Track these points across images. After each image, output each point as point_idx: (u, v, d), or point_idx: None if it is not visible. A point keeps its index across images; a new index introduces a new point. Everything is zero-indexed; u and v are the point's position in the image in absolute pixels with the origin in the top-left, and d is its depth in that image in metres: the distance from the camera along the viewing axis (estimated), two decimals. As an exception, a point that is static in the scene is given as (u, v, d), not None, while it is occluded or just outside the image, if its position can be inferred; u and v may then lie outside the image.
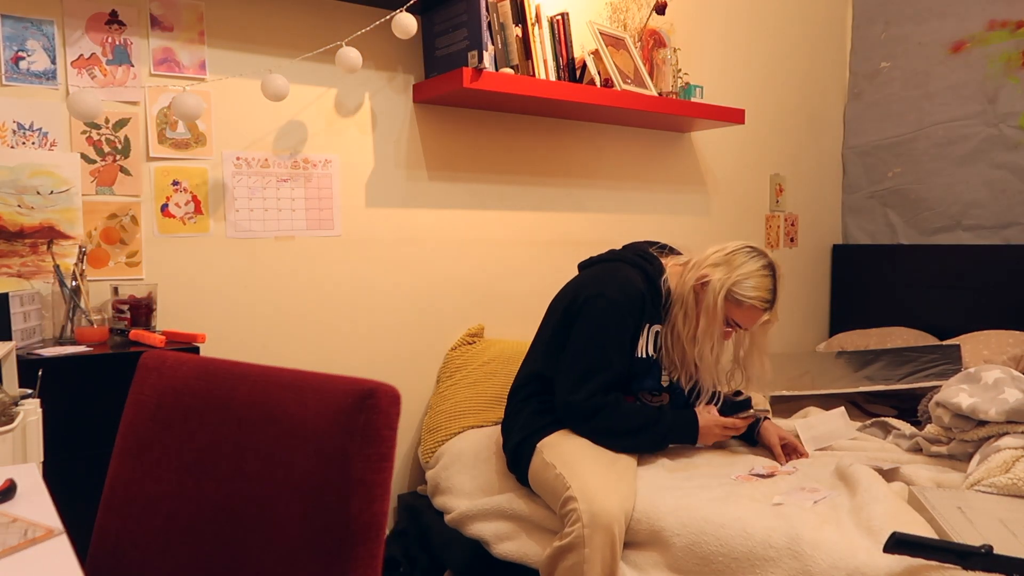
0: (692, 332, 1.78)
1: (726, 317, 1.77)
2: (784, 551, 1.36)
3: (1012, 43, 3.07)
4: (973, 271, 3.15)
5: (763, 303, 1.76)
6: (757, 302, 1.75)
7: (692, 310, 1.78)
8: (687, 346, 1.79)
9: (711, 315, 1.75)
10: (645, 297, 1.78)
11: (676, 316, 1.80)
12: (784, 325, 3.46)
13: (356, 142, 2.15)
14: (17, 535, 0.76)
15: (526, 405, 1.84)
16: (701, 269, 1.80)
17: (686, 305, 1.79)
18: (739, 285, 1.75)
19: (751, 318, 1.77)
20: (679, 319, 1.80)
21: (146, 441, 1.03)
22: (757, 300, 1.75)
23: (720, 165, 3.10)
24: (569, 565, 1.51)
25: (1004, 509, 1.40)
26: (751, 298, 1.75)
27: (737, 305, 1.76)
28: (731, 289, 1.75)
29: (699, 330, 1.77)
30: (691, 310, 1.78)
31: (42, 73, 1.70)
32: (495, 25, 2.12)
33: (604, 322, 1.74)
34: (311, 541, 0.85)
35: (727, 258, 1.80)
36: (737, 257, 1.79)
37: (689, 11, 2.92)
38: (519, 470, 1.79)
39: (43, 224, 1.66)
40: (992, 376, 1.72)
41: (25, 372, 1.34)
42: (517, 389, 1.89)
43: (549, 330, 1.86)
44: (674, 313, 1.81)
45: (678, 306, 1.80)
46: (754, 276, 1.76)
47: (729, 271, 1.77)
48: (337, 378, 0.91)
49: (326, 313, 2.12)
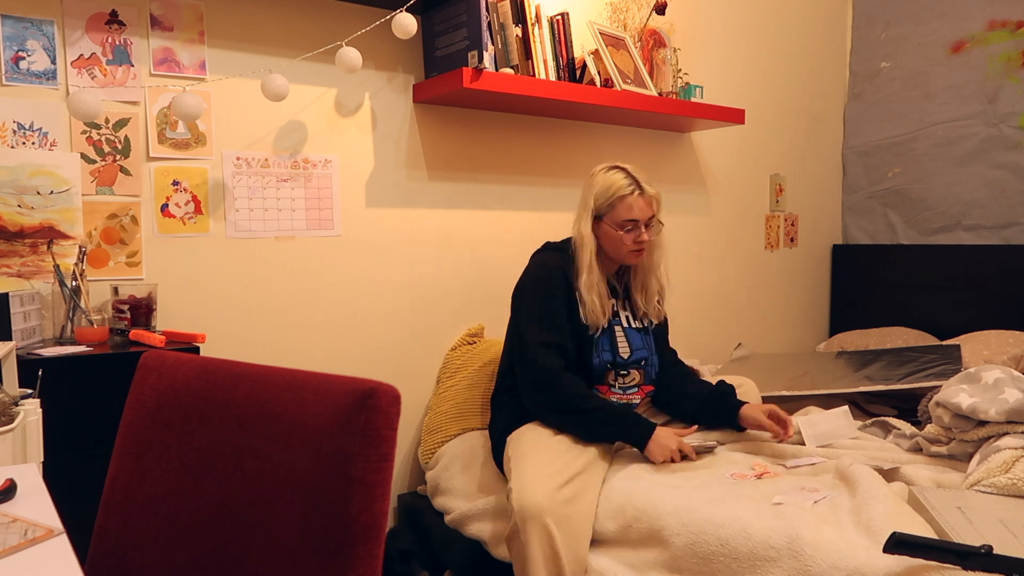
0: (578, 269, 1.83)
1: (617, 224, 1.82)
2: (784, 551, 1.36)
3: (1012, 43, 3.07)
4: (973, 271, 3.15)
5: (627, 187, 1.82)
6: (621, 189, 1.82)
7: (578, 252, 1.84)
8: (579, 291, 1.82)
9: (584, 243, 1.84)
10: (563, 268, 1.85)
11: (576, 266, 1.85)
12: (784, 325, 3.46)
13: (356, 142, 2.15)
14: (17, 535, 0.76)
15: (504, 401, 1.90)
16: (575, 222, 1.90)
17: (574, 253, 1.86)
18: (598, 196, 1.85)
19: (629, 206, 1.82)
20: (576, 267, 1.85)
21: (146, 441, 1.03)
22: (620, 188, 1.82)
23: (720, 165, 3.10)
24: (515, 552, 1.57)
25: (1004, 509, 1.40)
26: (613, 193, 1.83)
27: (612, 209, 1.83)
28: (596, 206, 1.85)
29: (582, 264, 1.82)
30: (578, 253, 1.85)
31: (42, 73, 1.70)
32: (495, 25, 2.12)
33: (528, 300, 1.84)
34: (311, 541, 0.85)
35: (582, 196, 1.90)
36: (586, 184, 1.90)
37: (689, 11, 2.92)
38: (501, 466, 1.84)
39: (43, 224, 1.66)
40: (992, 376, 1.72)
41: (25, 372, 1.34)
42: (497, 389, 1.98)
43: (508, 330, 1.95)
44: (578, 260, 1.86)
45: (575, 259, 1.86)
46: (603, 179, 1.86)
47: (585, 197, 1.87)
48: (337, 378, 0.91)
49: (326, 313, 2.12)
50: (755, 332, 3.31)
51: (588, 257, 1.83)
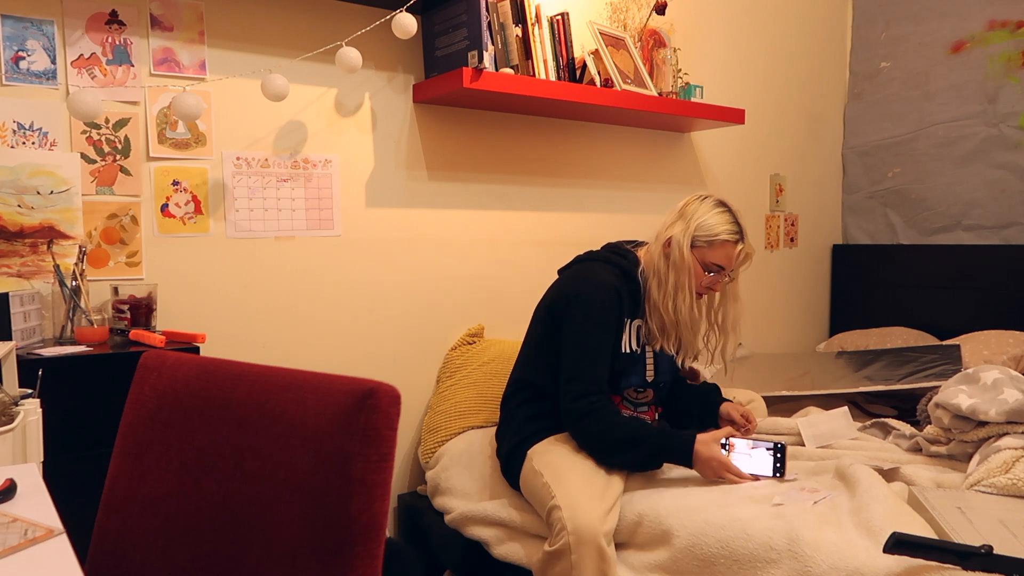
0: (666, 293, 1.77)
1: (704, 264, 1.77)
2: (784, 552, 1.36)
3: (1012, 43, 3.07)
4: (973, 271, 3.15)
5: (732, 234, 1.77)
6: (726, 235, 1.76)
7: (664, 273, 1.77)
8: (664, 311, 1.77)
9: (680, 268, 1.75)
10: (621, 292, 1.78)
11: (651, 286, 1.80)
12: (784, 325, 3.46)
13: (356, 142, 2.15)
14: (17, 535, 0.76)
15: (518, 411, 1.85)
16: (662, 234, 1.81)
17: (658, 272, 1.79)
18: (701, 228, 1.76)
19: (726, 254, 1.77)
20: (654, 287, 1.79)
21: (146, 441, 1.03)
22: (725, 233, 1.76)
23: (720, 165, 3.10)
24: (559, 572, 1.51)
25: (1004, 509, 1.40)
26: (717, 234, 1.76)
27: (708, 247, 1.76)
28: (695, 236, 1.76)
29: (672, 286, 1.76)
30: (663, 274, 1.78)
31: (42, 73, 1.70)
32: (495, 25, 2.12)
33: (587, 324, 1.74)
34: (311, 541, 0.85)
35: (680, 212, 1.82)
36: (689, 207, 1.81)
37: (689, 11, 2.92)
38: (512, 476, 1.80)
39: (43, 224, 1.66)
40: (991, 376, 1.72)
41: (25, 372, 1.34)
42: (509, 396, 1.90)
43: (534, 336, 1.87)
44: (650, 286, 1.80)
45: (651, 277, 1.80)
46: (711, 215, 1.78)
47: (687, 221, 1.78)
48: (337, 378, 0.91)
49: (326, 313, 2.12)
50: (755, 332, 3.31)
51: (688, 281, 1.75)
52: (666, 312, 1.76)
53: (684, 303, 1.75)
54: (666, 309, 1.76)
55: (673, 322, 1.77)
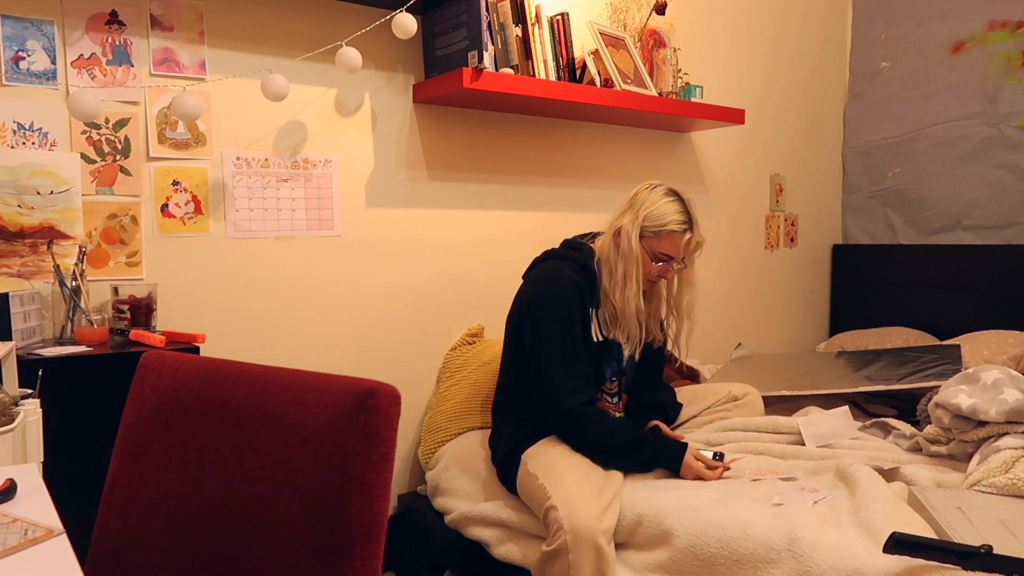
0: (615, 283, 1.77)
1: (652, 254, 1.78)
2: (784, 552, 1.36)
3: (1012, 43, 3.07)
4: (973, 271, 3.15)
5: (680, 224, 1.77)
6: (674, 225, 1.76)
7: (614, 263, 1.78)
8: (613, 299, 1.78)
9: (628, 257, 1.75)
10: (580, 284, 1.79)
11: (603, 276, 1.81)
12: (784, 325, 3.46)
13: (356, 142, 2.15)
14: (17, 535, 0.76)
15: (509, 417, 1.86)
16: (613, 224, 1.82)
17: (609, 262, 1.80)
18: (649, 218, 1.76)
19: (675, 244, 1.77)
20: (605, 277, 1.80)
21: (146, 441, 1.03)
22: (673, 223, 1.76)
23: (720, 165, 3.10)
24: (556, 572, 1.52)
25: (1004, 509, 1.40)
26: (665, 224, 1.76)
27: (656, 237, 1.77)
28: (643, 225, 1.76)
29: (621, 275, 1.76)
30: (614, 263, 1.78)
31: (42, 73, 1.70)
32: (495, 25, 2.12)
33: (552, 323, 1.75)
34: (311, 541, 0.85)
35: (630, 202, 1.82)
36: (639, 196, 1.81)
37: (689, 11, 2.91)
38: (508, 482, 1.80)
39: (43, 224, 1.66)
40: (991, 376, 1.72)
41: (25, 372, 1.34)
42: (499, 403, 1.91)
43: (509, 342, 1.89)
44: (603, 276, 1.81)
45: (604, 267, 1.81)
46: (660, 204, 1.78)
47: (635, 211, 1.78)
48: (337, 378, 0.91)
49: (326, 313, 2.12)
50: (755, 332, 3.31)
51: (636, 271, 1.76)
52: (614, 300, 1.78)
53: (631, 292, 1.76)
54: (614, 298, 1.78)
55: (621, 311, 1.78)
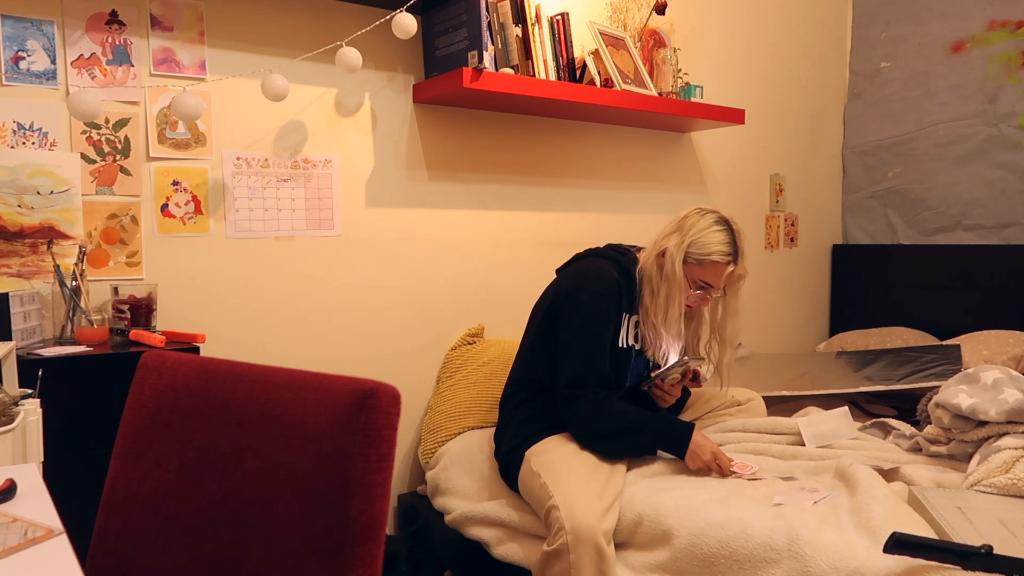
0: (657, 304, 1.78)
1: (693, 281, 1.78)
2: (784, 552, 1.36)
3: (1012, 43, 3.07)
4: (973, 271, 3.15)
5: (723, 256, 1.76)
6: (717, 256, 1.76)
7: (657, 283, 1.79)
8: (654, 319, 1.79)
9: (672, 281, 1.76)
10: (621, 286, 1.79)
11: (644, 294, 1.82)
12: (784, 325, 3.46)
13: (356, 142, 2.15)
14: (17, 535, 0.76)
15: (516, 413, 1.85)
16: (659, 243, 1.82)
17: (652, 281, 1.80)
18: (695, 245, 1.76)
19: (716, 274, 1.77)
20: (647, 296, 1.81)
21: (146, 441, 1.03)
22: (717, 254, 1.76)
23: (720, 165, 3.10)
24: (557, 572, 1.52)
25: (1004, 509, 1.40)
26: (709, 253, 1.76)
27: (699, 265, 1.77)
28: (688, 251, 1.76)
29: (664, 297, 1.77)
30: (656, 284, 1.79)
31: (42, 73, 1.70)
32: (495, 25, 2.12)
33: (588, 314, 1.76)
34: (311, 541, 0.85)
35: (679, 224, 1.81)
36: (688, 220, 1.81)
37: (689, 11, 2.91)
38: (510, 478, 1.80)
39: (43, 224, 1.66)
40: (991, 376, 1.72)
41: (25, 372, 1.34)
42: (508, 397, 1.91)
43: (532, 333, 1.88)
44: (644, 293, 1.82)
45: (645, 284, 1.82)
46: (707, 232, 1.77)
47: (682, 235, 1.78)
48: (337, 378, 0.91)
49: (326, 313, 2.12)
50: (755, 332, 3.31)
51: (679, 296, 1.76)
52: (655, 321, 1.78)
53: (673, 316, 1.76)
54: (655, 319, 1.78)
55: (662, 333, 1.79)
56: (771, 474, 1.70)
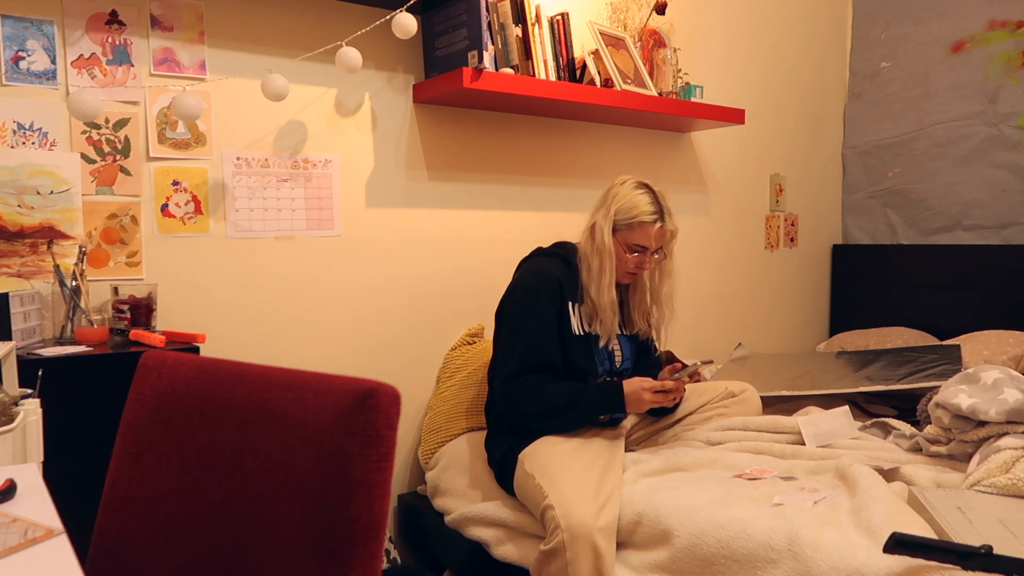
0: (591, 277, 1.82)
1: (627, 246, 1.82)
2: (784, 552, 1.36)
3: (1012, 43, 3.07)
4: (973, 271, 3.15)
5: (650, 215, 1.81)
6: (644, 215, 1.81)
7: (590, 258, 1.84)
8: (588, 293, 1.83)
9: (602, 251, 1.81)
10: (561, 279, 1.83)
11: (582, 273, 1.85)
12: (784, 325, 3.46)
13: (356, 142, 2.15)
14: (17, 535, 0.76)
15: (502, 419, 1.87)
16: (588, 221, 1.88)
17: (586, 257, 1.85)
18: (620, 211, 1.82)
19: (646, 234, 1.81)
20: (584, 274, 1.85)
21: (146, 441, 1.03)
22: (643, 214, 1.81)
23: (720, 165, 3.10)
24: (554, 571, 1.52)
25: (1004, 509, 1.40)
26: (636, 215, 1.80)
27: (629, 229, 1.81)
28: (615, 219, 1.82)
29: (596, 269, 1.81)
30: (590, 258, 1.83)
31: (42, 73, 1.70)
32: (495, 25, 2.12)
33: (521, 312, 1.80)
34: (311, 541, 0.85)
35: (603, 198, 1.88)
36: (610, 192, 1.87)
37: (689, 11, 2.91)
38: (506, 483, 1.80)
39: (43, 224, 1.66)
40: (991, 376, 1.72)
41: (25, 372, 1.34)
42: (491, 405, 1.93)
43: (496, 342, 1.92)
44: (581, 273, 1.86)
45: (582, 262, 1.86)
46: (630, 197, 1.83)
47: (607, 205, 1.84)
48: (337, 378, 0.91)
49: (326, 313, 2.12)
50: (755, 332, 3.31)
51: (609, 264, 1.81)
52: (589, 294, 1.83)
53: (604, 283, 1.81)
54: (589, 292, 1.83)
55: (596, 304, 1.82)
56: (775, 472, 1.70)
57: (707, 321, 3.10)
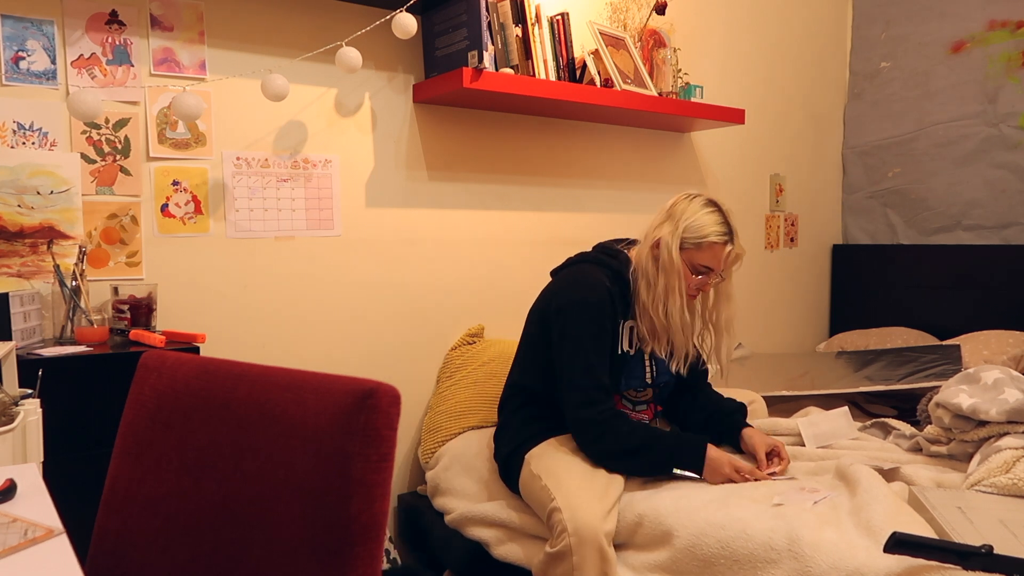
0: (656, 296, 1.73)
1: (692, 266, 1.74)
2: (784, 552, 1.36)
3: (1012, 43, 3.07)
4: (973, 271, 3.15)
5: (720, 236, 1.73)
6: (714, 236, 1.72)
7: (653, 276, 1.74)
8: (654, 314, 1.74)
9: (670, 270, 1.72)
10: (613, 294, 1.75)
11: (640, 288, 1.77)
12: (784, 325, 3.46)
13: (356, 142, 2.15)
14: (17, 535, 0.76)
15: (515, 416, 1.85)
16: (651, 235, 1.78)
17: (647, 274, 1.76)
18: (689, 229, 1.72)
19: (715, 256, 1.73)
20: (643, 290, 1.76)
21: (146, 441, 1.03)
22: (714, 235, 1.72)
23: (720, 165, 3.10)
24: (560, 574, 1.52)
25: (1004, 509, 1.40)
26: (706, 235, 1.72)
27: (697, 249, 1.73)
28: (683, 237, 1.72)
29: (662, 289, 1.72)
30: (652, 276, 1.75)
31: (42, 73, 1.70)
32: (495, 25, 2.12)
33: (582, 330, 1.72)
34: (311, 541, 0.85)
35: (668, 213, 1.78)
36: (677, 207, 1.77)
37: (689, 11, 2.91)
38: (510, 480, 1.80)
39: (43, 224, 1.66)
40: (991, 376, 1.72)
41: (25, 372, 1.34)
42: (506, 400, 1.90)
43: (528, 340, 1.86)
44: (639, 288, 1.77)
45: (641, 279, 1.77)
46: (700, 215, 1.73)
47: (675, 222, 1.74)
48: (337, 378, 0.91)
49: (326, 313, 2.12)
50: (755, 332, 3.31)
51: (679, 284, 1.72)
52: (656, 315, 1.74)
53: (675, 306, 1.72)
54: (656, 312, 1.73)
55: (664, 326, 1.74)
56: None
57: (707, 321, 3.10)
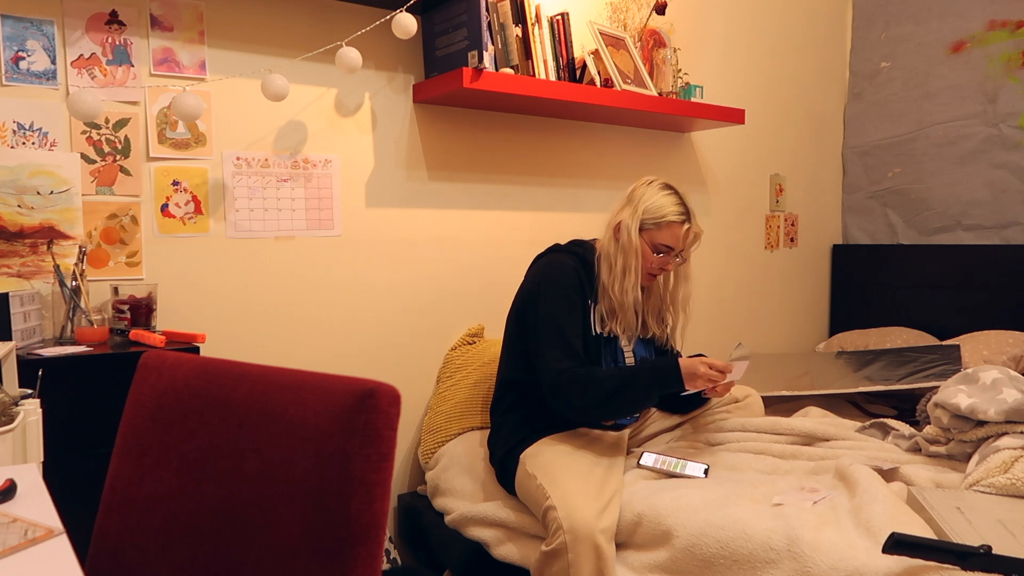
0: (614, 275, 1.82)
1: (653, 246, 1.82)
2: (784, 552, 1.36)
3: (1012, 43, 3.07)
4: (973, 271, 3.15)
5: (678, 215, 1.82)
6: (672, 216, 1.82)
7: (614, 256, 1.83)
8: (611, 291, 1.82)
9: (628, 250, 1.81)
10: (580, 275, 1.83)
11: (602, 271, 1.85)
12: (784, 325, 3.46)
13: (356, 142, 2.15)
14: (17, 535, 0.76)
15: (507, 417, 1.86)
16: (612, 220, 1.88)
17: (608, 256, 1.85)
18: (648, 211, 1.82)
19: (674, 235, 1.83)
20: (604, 271, 1.84)
21: (146, 441, 1.03)
22: (672, 215, 1.82)
23: (720, 165, 3.10)
24: (556, 572, 1.52)
25: (1003, 509, 1.40)
26: (664, 215, 1.82)
27: (657, 229, 1.82)
28: (643, 219, 1.82)
29: (620, 268, 1.81)
30: (613, 257, 1.83)
31: (42, 73, 1.70)
32: (495, 25, 2.12)
33: (550, 304, 1.79)
34: (311, 541, 0.85)
35: (628, 198, 1.89)
36: (636, 192, 1.88)
37: (689, 11, 2.91)
38: (507, 482, 1.81)
39: (43, 224, 1.66)
40: (990, 376, 1.72)
41: (25, 372, 1.34)
42: (497, 401, 1.92)
43: (509, 335, 1.92)
44: (601, 271, 1.85)
45: (603, 261, 1.86)
46: (658, 198, 1.84)
47: (634, 205, 1.85)
48: (337, 378, 0.91)
49: (326, 313, 2.12)
50: (755, 332, 3.31)
51: (635, 264, 1.80)
52: (613, 293, 1.82)
53: (629, 283, 1.81)
54: (612, 290, 1.82)
55: (619, 303, 1.82)
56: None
57: (707, 321, 3.10)
